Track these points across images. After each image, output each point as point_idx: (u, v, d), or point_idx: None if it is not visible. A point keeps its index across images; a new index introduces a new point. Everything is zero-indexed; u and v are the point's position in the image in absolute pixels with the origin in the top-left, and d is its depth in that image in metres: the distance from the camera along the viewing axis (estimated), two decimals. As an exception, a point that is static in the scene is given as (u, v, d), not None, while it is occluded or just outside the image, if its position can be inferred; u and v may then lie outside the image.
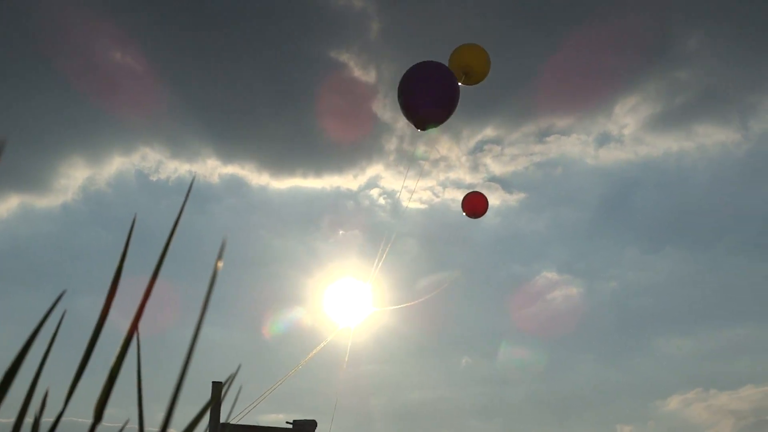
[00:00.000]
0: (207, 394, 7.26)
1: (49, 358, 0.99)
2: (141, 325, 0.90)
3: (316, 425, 8.72)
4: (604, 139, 23.94)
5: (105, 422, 0.97)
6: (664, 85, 23.10)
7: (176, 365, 1.00)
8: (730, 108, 23.73)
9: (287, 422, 8.51)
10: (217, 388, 6.61)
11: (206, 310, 0.85)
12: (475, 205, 11.70)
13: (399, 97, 8.79)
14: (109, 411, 0.97)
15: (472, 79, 9.45)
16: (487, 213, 12.11)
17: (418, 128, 8.80)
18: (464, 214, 11.83)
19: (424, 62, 8.87)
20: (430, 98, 8.68)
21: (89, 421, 0.93)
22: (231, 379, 1.10)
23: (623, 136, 23.61)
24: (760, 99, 23.32)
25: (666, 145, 23.93)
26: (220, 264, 0.84)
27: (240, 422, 7.50)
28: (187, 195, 0.87)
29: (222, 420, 6.88)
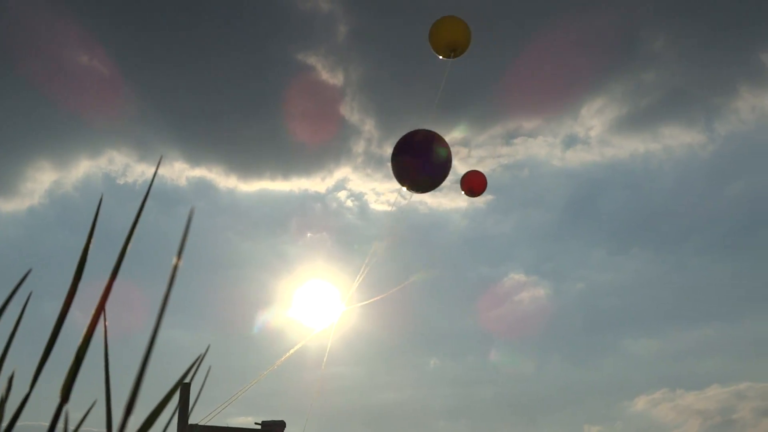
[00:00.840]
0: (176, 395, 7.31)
1: (17, 362, 1.04)
2: (111, 327, 0.94)
3: (285, 426, 8.76)
4: (570, 141, 24.15)
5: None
6: (630, 87, 23.34)
7: (148, 368, 1.08)
8: (696, 110, 24.03)
9: (256, 423, 8.56)
10: (185, 389, 6.65)
11: (165, 309, 0.89)
12: (473, 183, 11.72)
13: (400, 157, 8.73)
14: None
15: (458, 53, 9.52)
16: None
17: (409, 189, 8.86)
18: (463, 192, 11.82)
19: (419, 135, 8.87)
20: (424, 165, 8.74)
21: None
22: (194, 365, 1.14)
23: (590, 138, 23.84)
24: (725, 101, 23.62)
25: (632, 146, 24.19)
26: (180, 261, 0.89)
27: (209, 424, 7.53)
28: (146, 196, 0.94)
29: (190, 421, 6.94)
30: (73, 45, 19.03)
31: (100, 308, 0.92)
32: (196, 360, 1.10)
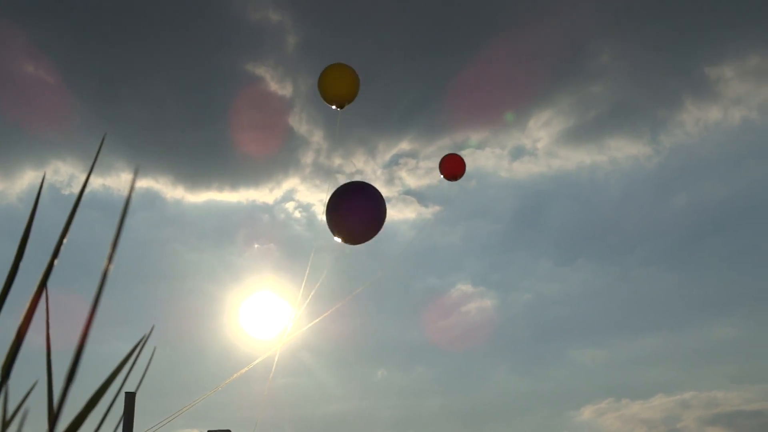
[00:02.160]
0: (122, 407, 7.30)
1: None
2: (51, 335, 0.95)
3: (232, 435, 8.78)
4: (518, 153, 24.36)
5: None
6: (577, 100, 23.60)
7: (88, 379, 1.10)
8: (642, 122, 24.34)
9: (207, 432, 8.54)
10: (130, 398, 6.64)
11: (95, 313, 0.91)
12: (452, 167, 11.65)
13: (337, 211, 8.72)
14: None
15: (342, 105, 9.54)
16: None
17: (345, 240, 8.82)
18: (442, 176, 11.72)
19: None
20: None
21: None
22: (139, 345, 1.17)
23: (537, 150, 24.06)
24: (670, 113, 23.97)
25: (579, 158, 24.45)
26: (110, 266, 0.91)
27: (154, 435, 7.54)
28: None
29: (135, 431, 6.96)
30: (18, 54, 18.87)
31: (39, 291, 0.92)
32: (141, 340, 1.09)
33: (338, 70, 9.17)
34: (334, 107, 9.13)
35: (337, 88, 9.12)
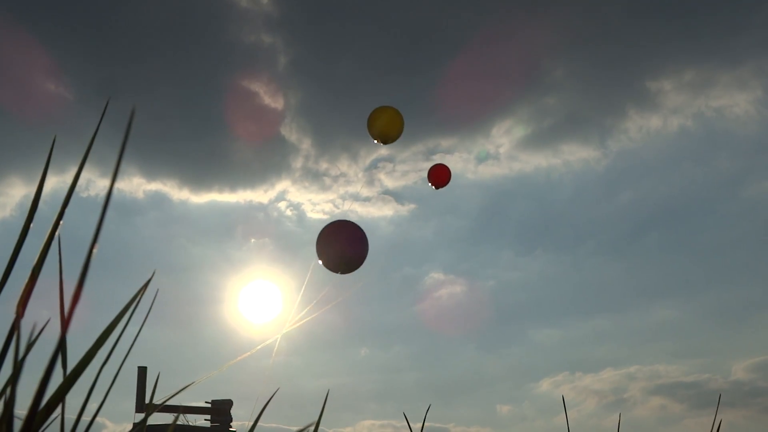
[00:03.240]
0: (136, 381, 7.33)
1: None
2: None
3: (232, 404, 8.78)
4: (482, 157, 24.46)
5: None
6: (535, 110, 23.70)
7: (111, 360, 1.09)
8: (591, 129, 24.46)
9: (206, 402, 8.54)
10: (142, 372, 6.66)
11: (79, 295, 0.92)
12: (439, 176, 11.53)
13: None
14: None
15: (389, 142, 9.49)
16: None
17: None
18: (430, 185, 11.55)
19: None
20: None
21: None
22: (142, 290, 1.19)
23: (499, 154, 24.13)
24: (615, 122, 24.11)
25: (536, 161, 24.54)
26: (95, 250, 0.91)
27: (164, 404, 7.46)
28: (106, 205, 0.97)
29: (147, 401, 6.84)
30: (41, 73, 18.80)
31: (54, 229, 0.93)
32: (144, 285, 1.07)
33: (389, 112, 9.14)
34: (376, 141, 9.08)
35: (387, 127, 9.06)
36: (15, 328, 0.82)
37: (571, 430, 1.98)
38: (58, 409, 0.91)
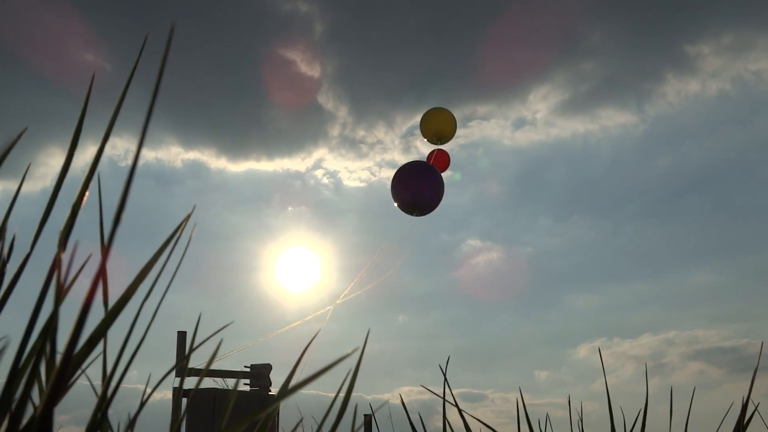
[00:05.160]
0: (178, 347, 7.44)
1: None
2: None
3: (271, 368, 8.86)
4: (519, 123, 24.22)
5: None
6: (572, 76, 23.44)
7: (151, 326, 1.10)
8: (629, 94, 24.15)
9: (245, 366, 8.62)
10: (182, 337, 6.74)
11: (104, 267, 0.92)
12: (439, 162, 11.46)
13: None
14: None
15: (443, 141, 9.49)
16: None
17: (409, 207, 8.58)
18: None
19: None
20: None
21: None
22: (183, 223, 1.20)
23: (536, 120, 23.91)
24: (653, 86, 23.78)
25: (573, 127, 24.30)
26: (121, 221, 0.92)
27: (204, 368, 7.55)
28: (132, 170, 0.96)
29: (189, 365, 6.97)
30: (79, 41, 18.93)
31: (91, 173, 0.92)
32: (185, 218, 1.09)
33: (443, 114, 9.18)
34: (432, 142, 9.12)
35: (441, 126, 9.08)
36: (56, 263, 0.83)
37: (610, 396, 1.97)
38: (100, 346, 0.92)
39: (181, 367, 1.23)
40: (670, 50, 23.48)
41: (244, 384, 9.13)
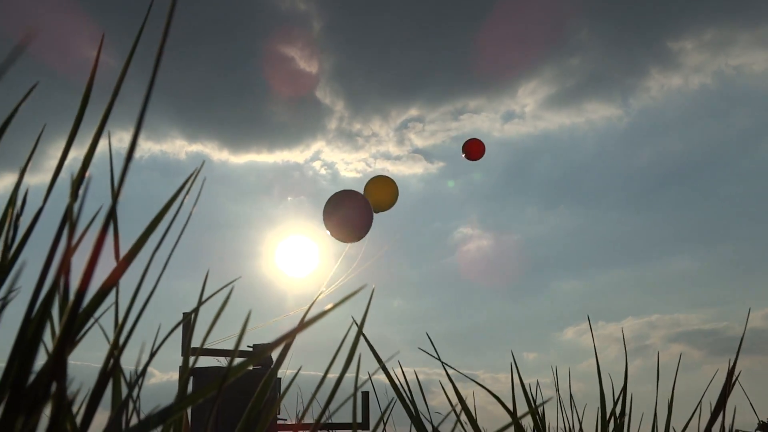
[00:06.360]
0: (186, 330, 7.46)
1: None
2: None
3: (273, 348, 8.85)
4: (508, 116, 24.19)
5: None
6: (559, 71, 23.40)
7: (156, 308, 1.11)
8: (613, 89, 24.12)
9: (248, 346, 8.61)
10: (186, 318, 6.75)
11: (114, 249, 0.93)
12: (474, 150, 11.23)
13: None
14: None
15: (382, 208, 9.36)
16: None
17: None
18: (463, 156, 11.23)
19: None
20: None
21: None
22: (192, 175, 1.20)
23: (524, 114, 23.86)
24: (637, 81, 23.74)
25: (560, 120, 24.28)
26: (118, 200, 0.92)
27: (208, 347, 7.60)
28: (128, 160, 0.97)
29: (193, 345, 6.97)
30: (85, 42, 18.88)
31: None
32: (193, 172, 1.10)
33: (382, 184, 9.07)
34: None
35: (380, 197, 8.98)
36: (68, 213, 0.84)
37: (596, 375, 1.99)
38: (112, 297, 0.93)
39: (186, 347, 1.23)
40: (654, 46, 23.46)
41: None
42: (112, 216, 0.74)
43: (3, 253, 0.97)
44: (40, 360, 0.77)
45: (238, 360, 1.00)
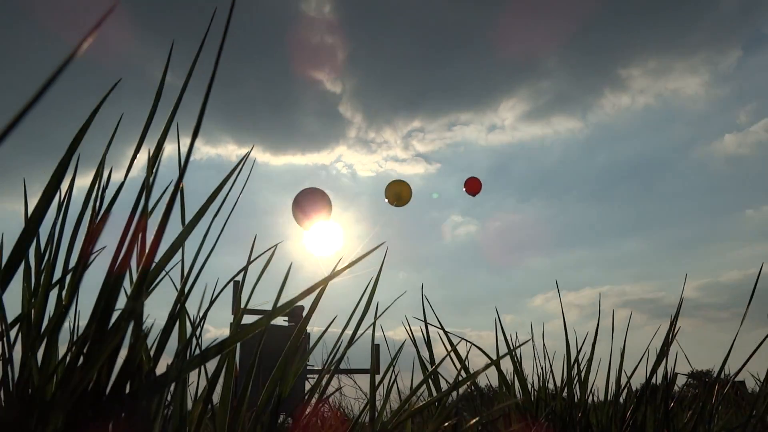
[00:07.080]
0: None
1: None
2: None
3: (303, 309, 8.86)
4: (492, 128, 24.18)
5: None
6: (533, 91, 23.40)
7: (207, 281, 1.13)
8: (576, 106, 24.19)
9: (284, 320, 8.62)
10: (237, 285, 6.74)
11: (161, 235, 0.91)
12: (473, 186, 11.37)
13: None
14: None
15: (401, 202, 9.52)
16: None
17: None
18: (464, 190, 11.36)
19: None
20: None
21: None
22: (244, 158, 1.19)
23: (505, 126, 23.87)
24: (594, 100, 23.83)
25: (533, 131, 24.30)
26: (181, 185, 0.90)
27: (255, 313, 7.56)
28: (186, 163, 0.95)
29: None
30: (136, 49, 18.85)
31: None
32: (237, 164, 1.09)
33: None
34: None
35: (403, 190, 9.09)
36: (145, 184, 0.83)
37: (560, 334, 1.98)
38: (179, 255, 0.91)
39: (237, 305, 1.23)
40: (608, 72, 23.47)
41: (284, 320, 9.16)
42: (177, 194, 0.73)
43: (91, 218, 0.97)
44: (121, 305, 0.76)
45: (276, 320, 1.00)
